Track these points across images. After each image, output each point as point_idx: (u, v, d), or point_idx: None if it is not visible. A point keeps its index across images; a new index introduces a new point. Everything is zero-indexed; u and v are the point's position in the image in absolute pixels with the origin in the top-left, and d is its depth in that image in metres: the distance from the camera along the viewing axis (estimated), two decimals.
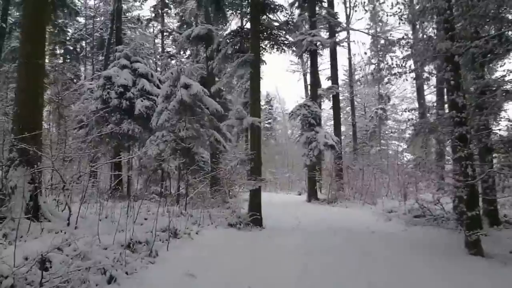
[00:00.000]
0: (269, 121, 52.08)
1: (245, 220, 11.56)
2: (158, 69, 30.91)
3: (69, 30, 35.40)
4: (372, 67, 43.09)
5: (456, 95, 8.10)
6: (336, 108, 24.28)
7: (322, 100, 24.13)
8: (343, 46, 25.77)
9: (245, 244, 9.32)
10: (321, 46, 22.01)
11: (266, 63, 12.97)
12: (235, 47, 12.59)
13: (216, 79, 28.63)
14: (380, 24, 38.46)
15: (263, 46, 12.90)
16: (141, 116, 15.84)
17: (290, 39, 13.47)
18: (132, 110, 15.89)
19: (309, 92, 29.92)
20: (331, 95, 23.73)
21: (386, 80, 10.30)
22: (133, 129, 15.58)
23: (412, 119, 11.25)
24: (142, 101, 15.93)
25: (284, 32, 12.64)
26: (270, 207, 19.35)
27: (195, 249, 8.19)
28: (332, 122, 39.78)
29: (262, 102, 41.89)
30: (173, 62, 30.08)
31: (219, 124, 14.94)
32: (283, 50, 13.16)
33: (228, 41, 12.37)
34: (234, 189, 17.68)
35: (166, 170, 17.78)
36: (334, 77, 24.29)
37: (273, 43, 12.71)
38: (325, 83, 27.64)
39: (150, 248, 7.16)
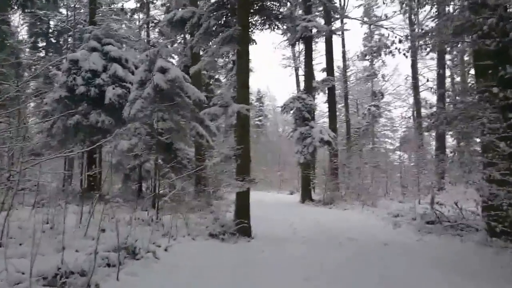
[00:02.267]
0: (260, 118, 49.87)
1: (230, 228, 9.26)
2: None
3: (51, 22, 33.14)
4: (365, 63, 41.42)
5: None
6: (331, 101, 22.04)
7: (317, 93, 21.89)
8: (338, 34, 23.49)
9: (229, 264, 7.02)
10: (316, 33, 19.74)
11: (256, 43, 10.66)
12: (220, 21, 10.27)
13: (204, 72, 26.27)
14: (374, 18, 36.77)
15: (253, 22, 10.61)
16: (113, 106, 13.39)
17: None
18: (102, 99, 13.46)
19: (301, 88, 27.74)
20: (326, 88, 21.50)
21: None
22: (103, 120, 13.14)
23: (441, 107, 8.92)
24: (113, 88, 13.48)
25: (278, 4, 10.35)
26: (261, 209, 17.00)
27: (159, 275, 5.89)
28: (323, 120, 37.76)
29: (253, 98, 39.60)
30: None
31: (203, 116, 12.61)
32: (276, 27, 10.86)
33: (211, 14, 10.04)
34: (219, 189, 15.42)
35: (145, 168, 15.56)
36: (329, 68, 22.06)
37: (264, 18, 10.40)
38: (319, 76, 25.37)
39: (88, 280, 4.84)
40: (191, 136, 12.56)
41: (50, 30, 34.09)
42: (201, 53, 15.64)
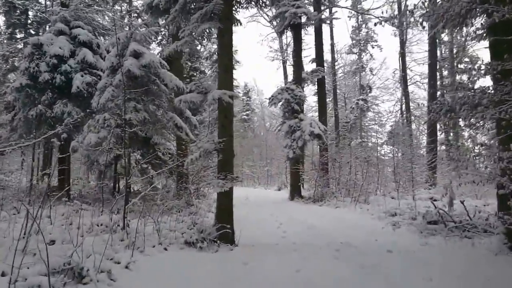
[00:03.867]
0: (247, 112, 48.47)
1: (210, 235, 7.81)
2: None
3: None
4: (353, 56, 40.31)
5: None
6: (321, 93, 20.62)
7: (306, 84, 20.43)
8: (328, 23, 22.08)
9: (206, 284, 5.58)
10: (306, 20, 18.27)
11: (241, 23, 9.14)
12: None
13: (188, 63, 24.64)
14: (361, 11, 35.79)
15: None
16: (81, 96, 11.75)
17: None
18: (69, 88, 11.80)
19: (289, 81, 26.28)
20: (315, 79, 20.07)
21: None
22: (70, 111, 11.50)
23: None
24: (82, 76, 11.81)
25: None
26: (247, 207, 15.65)
27: None
28: (311, 114, 36.46)
29: (240, 91, 38.05)
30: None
31: (181, 107, 11.11)
32: (263, 4, 9.40)
33: None
34: (202, 188, 13.96)
35: (122, 164, 14.05)
36: (319, 59, 20.63)
37: None
38: (308, 68, 23.89)
39: None
40: (169, 129, 11.05)
41: (29, 21, 32.20)
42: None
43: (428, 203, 14.44)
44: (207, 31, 8.67)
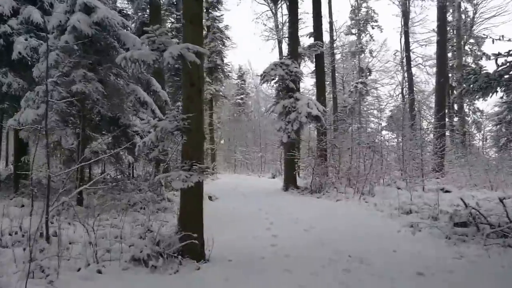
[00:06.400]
0: (241, 96, 45.99)
1: (170, 247, 5.54)
2: None
3: None
4: (352, 38, 37.91)
5: None
6: (320, 70, 18.17)
7: (303, 61, 18.02)
8: None
9: None
10: None
11: None
12: None
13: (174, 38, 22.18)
14: None
15: None
16: (24, 63, 9.34)
17: None
18: (9, 53, 9.37)
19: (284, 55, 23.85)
20: (313, 55, 17.63)
21: None
22: (10, 83, 9.11)
23: None
24: (26, 39, 9.38)
25: None
26: (233, 199, 13.37)
27: None
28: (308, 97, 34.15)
29: (230, 72, 35.48)
30: None
31: (148, 76, 8.78)
32: None
33: None
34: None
35: (92, 149, 11.81)
36: (317, 33, 18.14)
37: None
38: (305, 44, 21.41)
39: None
40: (130, 105, 8.72)
41: None
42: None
43: (444, 195, 12.30)
44: None
